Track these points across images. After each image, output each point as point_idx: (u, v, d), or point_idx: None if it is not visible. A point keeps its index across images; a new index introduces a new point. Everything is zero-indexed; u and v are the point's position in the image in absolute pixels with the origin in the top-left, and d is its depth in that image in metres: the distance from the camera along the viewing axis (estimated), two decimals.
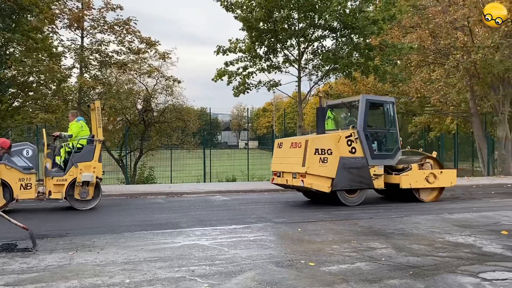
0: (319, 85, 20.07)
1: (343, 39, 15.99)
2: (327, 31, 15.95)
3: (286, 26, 15.68)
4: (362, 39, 15.90)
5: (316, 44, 16.78)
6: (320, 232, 7.09)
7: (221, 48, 16.42)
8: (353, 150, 10.13)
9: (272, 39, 15.99)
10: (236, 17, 15.60)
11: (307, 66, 17.28)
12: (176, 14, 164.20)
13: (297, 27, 15.85)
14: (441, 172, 11.06)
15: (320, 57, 16.49)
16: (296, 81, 17.05)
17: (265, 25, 15.58)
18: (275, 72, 17.23)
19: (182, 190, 13.41)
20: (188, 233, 7.02)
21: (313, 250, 5.87)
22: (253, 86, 16.95)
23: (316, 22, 15.51)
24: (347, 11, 14.93)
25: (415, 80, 19.62)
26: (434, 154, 11.78)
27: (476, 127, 21.23)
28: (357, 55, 16.34)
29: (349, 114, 11.74)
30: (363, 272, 4.88)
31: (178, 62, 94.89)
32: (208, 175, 18.49)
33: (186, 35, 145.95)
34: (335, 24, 15.52)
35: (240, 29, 15.94)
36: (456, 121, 26.01)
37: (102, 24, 18.58)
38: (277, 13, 15.13)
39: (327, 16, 14.63)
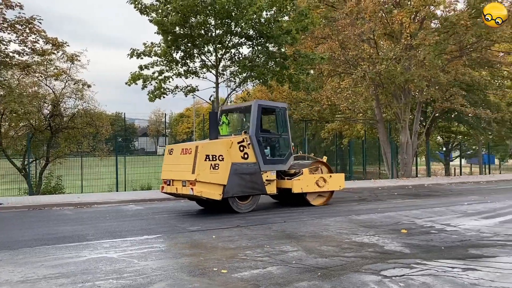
0: (236, 91, 20.24)
1: (259, 47, 16.30)
2: (244, 38, 16.16)
3: (202, 31, 15.61)
4: (277, 48, 16.35)
5: (233, 51, 16.92)
6: (235, 238, 7.09)
7: (135, 51, 15.89)
8: (246, 156, 10.01)
9: (189, 44, 15.83)
10: (151, 21, 15.21)
11: (224, 72, 17.34)
12: (91, 14, 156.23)
13: (214, 33, 15.85)
14: (330, 176, 11.39)
15: (237, 64, 16.65)
16: (214, 87, 17.03)
17: (181, 29, 15.37)
18: (192, 78, 17.06)
19: (92, 200, 12.68)
20: (96, 246, 6.63)
21: (226, 257, 5.85)
22: (169, 91, 16.60)
23: (232, 29, 15.64)
24: (263, 20, 15.26)
25: (326, 89, 20.63)
26: (324, 158, 12.08)
27: (381, 133, 22.83)
28: (272, 64, 16.75)
29: (244, 119, 11.73)
30: (274, 276, 4.95)
31: (90, 65, 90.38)
32: (121, 184, 17.70)
33: (102, 37, 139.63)
34: (251, 32, 15.77)
35: (155, 33, 15.58)
36: (364, 127, 27.76)
37: (1, 22, 17.00)
38: (193, 18, 15.01)
39: (243, 24, 14.82)
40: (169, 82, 16.51)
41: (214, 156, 9.49)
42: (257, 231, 7.72)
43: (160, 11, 15.09)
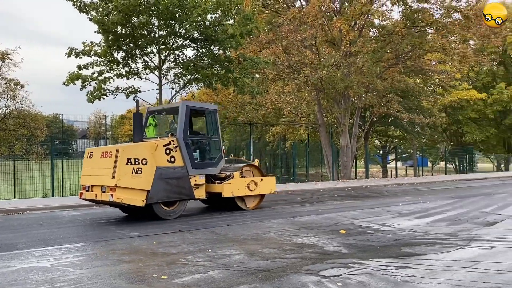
0: (181, 93, 20.01)
1: (204, 50, 16.22)
2: (188, 41, 16.01)
3: (145, 32, 15.27)
4: (222, 51, 16.35)
5: (177, 52, 16.70)
6: (176, 243, 6.98)
7: (73, 50, 15.24)
8: (172, 159, 9.55)
9: (131, 45, 15.42)
10: (90, 19, 14.65)
11: (168, 74, 17.07)
12: (29, 12, 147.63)
13: (157, 34, 15.56)
14: (261, 179, 11.21)
15: (181, 66, 16.46)
16: (157, 89, 16.70)
17: (123, 29, 14.95)
18: (134, 79, 16.63)
19: (25, 206, 11.95)
20: (26, 255, 6.25)
21: (167, 262, 5.74)
22: (109, 92, 16.06)
23: (177, 31, 15.44)
24: (207, 23, 15.21)
25: (271, 93, 20.94)
26: (256, 162, 12.01)
27: (323, 136, 23.51)
28: (217, 67, 16.73)
29: (174, 121, 11.25)
30: (216, 280, 4.93)
31: (27, 64, 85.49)
32: (58, 189, 16.85)
33: (39, 35, 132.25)
34: (195, 34, 15.66)
35: (95, 32, 15.02)
36: (307, 131, 28.44)
37: None
38: (135, 18, 14.64)
39: (187, 26, 14.68)
40: (110, 83, 15.99)
41: (136, 160, 8.93)
42: (199, 235, 7.65)
43: (100, 9, 14.59)
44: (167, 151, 9.53)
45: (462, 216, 9.79)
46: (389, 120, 29.03)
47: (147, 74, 16.65)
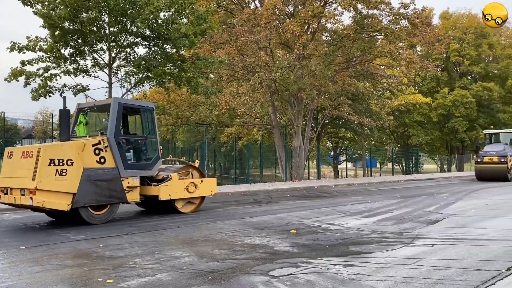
0: (132, 92, 19.51)
1: (156, 48, 15.92)
2: (140, 38, 15.64)
3: (94, 28, 14.77)
4: (175, 50, 16.10)
5: (128, 50, 16.28)
6: (124, 246, 6.79)
7: (17, 45, 14.46)
8: (102, 160, 8.91)
9: (79, 41, 14.85)
10: (35, 13, 13.97)
11: (118, 72, 16.59)
12: None
13: (107, 31, 15.09)
14: (201, 181, 10.74)
15: (132, 64, 16.05)
16: (107, 87, 16.18)
17: (71, 25, 14.37)
18: (83, 76, 16.03)
19: None
20: None
21: (113, 266, 5.56)
22: (56, 89, 15.38)
23: (128, 28, 15.04)
24: (160, 21, 14.94)
25: (225, 93, 20.90)
26: (197, 163, 11.57)
27: (277, 137, 23.77)
28: (170, 66, 16.47)
29: (107, 119, 10.47)
30: (163, 283, 4.83)
31: None
32: None
33: None
34: (148, 32, 15.34)
35: (41, 26, 14.34)
36: (261, 132, 28.65)
37: None
38: (84, 13, 14.12)
39: (139, 24, 14.34)
40: (56, 80, 15.32)
41: (61, 161, 8.26)
42: (148, 238, 7.49)
43: (46, 3, 13.94)
44: (96, 151, 8.86)
45: (406, 215, 10.21)
46: (340, 122, 29.82)
47: (96, 72, 16.12)
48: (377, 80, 26.10)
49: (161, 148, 10.66)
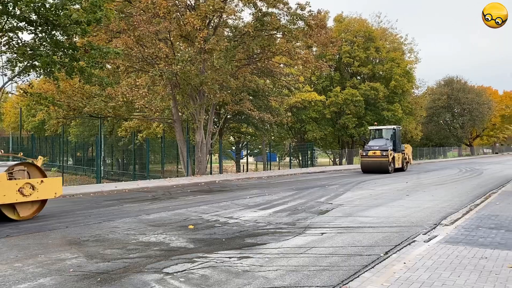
0: (16, 81, 17.68)
1: (44, 34, 14.60)
2: (24, 23, 14.20)
3: None
4: (66, 37, 14.93)
5: (11, 34, 14.69)
6: (2, 250, 6.14)
7: None
8: None
9: None
10: None
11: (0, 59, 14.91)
12: None
13: None
14: (42, 181, 8.96)
15: (15, 51, 14.54)
16: None
17: None
18: None
19: None
20: None
21: None
22: None
23: (10, 10, 13.56)
24: (48, 5, 13.71)
25: (122, 85, 19.95)
26: (40, 160, 9.74)
27: (178, 132, 23.37)
28: (60, 54, 15.22)
29: None
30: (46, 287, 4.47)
31: None
32: None
33: None
34: (33, 17, 13.98)
35: None
36: (163, 126, 27.93)
37: None
38: None
39: (23, 7, 13.00)
40: None
41: None
42: (31, 240, 6.87)
43: None
44: None
45: (300, 206, 10.74)
46: (242, 118, 30.32)
47: None
48: (276, 77, 26.98)
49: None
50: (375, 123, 32.95)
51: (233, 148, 41.23)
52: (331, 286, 4.63)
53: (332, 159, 45.72)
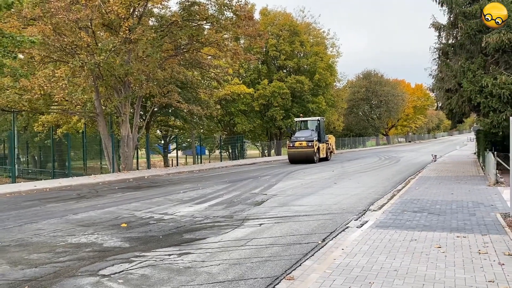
0: None
1: None
2: None
3: None
4: None
5: None
6: None
7: None
8: None
9: None
10: None
11: None
12: None
13: None
14: None
15: None
16: None
17: None
18: None
19: None
20: None
21: None
22: None
23: None
24: None
25: (39, 76, 18.45)
26: None
27: (102, 126, 22.20)
28: None
29: None
30: None
31: None
32: None
33: None
34: None
35: None
36: (84, 120, 26.38)
37: None
38: None
39: None
40: None
41: None
42: None
43: None
44: None
45: (236, 198, 10.73)
46: (170, 110, 29.59)
47: None
48: (205, 69, 26.64)
49: None
50: (301, 114, 33.92)
51: (161, 142, 40.17)
52: (275, 277, 4.65)
53: (261, 151, 46.38)
